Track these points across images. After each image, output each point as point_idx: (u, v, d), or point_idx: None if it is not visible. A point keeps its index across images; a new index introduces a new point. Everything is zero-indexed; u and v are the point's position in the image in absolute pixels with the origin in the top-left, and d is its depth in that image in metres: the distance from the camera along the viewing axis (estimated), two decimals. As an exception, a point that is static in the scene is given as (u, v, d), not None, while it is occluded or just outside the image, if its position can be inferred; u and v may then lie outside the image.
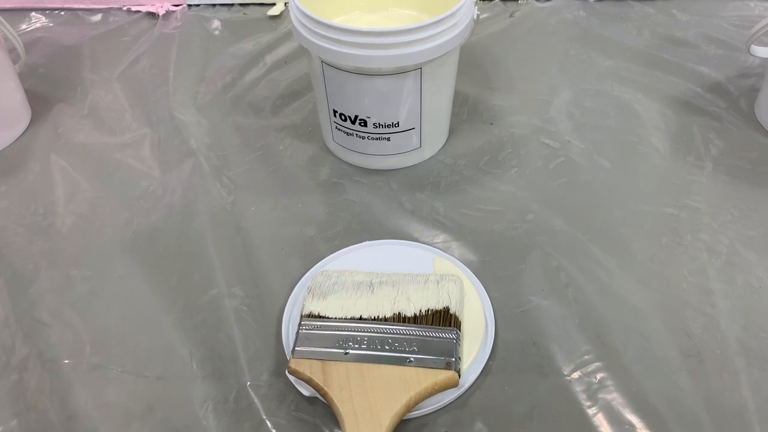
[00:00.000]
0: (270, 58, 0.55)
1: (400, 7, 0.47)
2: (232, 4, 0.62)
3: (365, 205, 0.43)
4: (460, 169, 0.45)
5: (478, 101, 0.50)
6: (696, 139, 0.46)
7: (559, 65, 0.53)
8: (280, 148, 0.47)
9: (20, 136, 0.48)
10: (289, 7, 0.40)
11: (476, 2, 0.41)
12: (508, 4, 0.61)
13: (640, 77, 0.51)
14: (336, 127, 0.44)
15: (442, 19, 0.38)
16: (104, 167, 0.45)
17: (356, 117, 0.42)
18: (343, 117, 0.42)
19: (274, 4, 0.61)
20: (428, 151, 0.45)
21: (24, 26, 0.59)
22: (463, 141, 0.47)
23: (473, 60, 0.54)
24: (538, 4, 0.60)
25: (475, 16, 0.41)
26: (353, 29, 0.37)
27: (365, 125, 0.42)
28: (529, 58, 0.54)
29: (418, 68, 0.39)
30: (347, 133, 0.43)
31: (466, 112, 0.49)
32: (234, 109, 0.50)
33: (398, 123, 0.42)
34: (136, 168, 0.45)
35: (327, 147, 0.47)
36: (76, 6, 0.62)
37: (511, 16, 0.58)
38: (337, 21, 0.46)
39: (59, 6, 0.62)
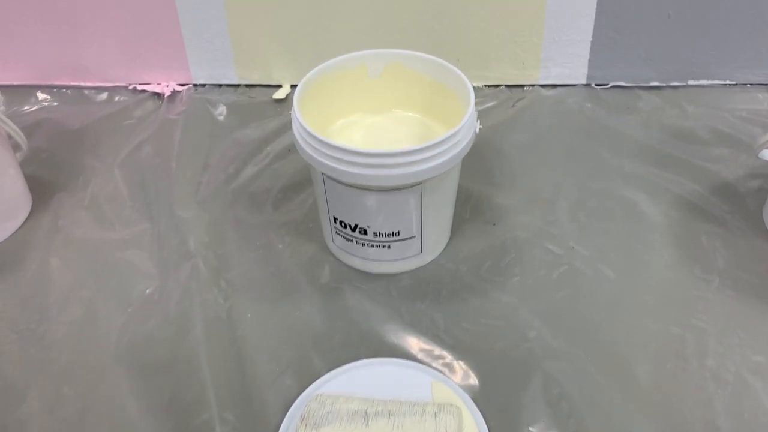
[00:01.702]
0: (274, 146, 0.54)
1: (404, 110, 0.47)
2: (238, 85, 0.62)
3: (364, 313, 0.42)
4: (462, 276, 0.44)
5: (481, 199, 0.49)
6: (703, 248, 0.45)
7: (564, 160, 0.53)
8: (280, 246, 0.46)
9: (21, 226, 0.48)
10: (292, 119, 0.40)
11: (478, 118, 0.41)
12: (514, 90, 0.60)
13: (647, 175, 0.51)
14: (336, 232, 0.43)
15: (445, 139, 0.37)
16: (102, 266, 0.45)
17: (356, 225, 0.41)
18: (343, 224, 0.42)
19: (279, 86, 0.61)
20: (429, 256, 0.45)
21: (28, 107, 0.59)
22: (466, 243, 0.46)
23: (476, 152, 0.53)
24: (544, 92, 0.60)
25: (477, 130, 0.41)
26: (355, 150, 0.37)
27: (365, 233, 0.42)
28: (534, 150, 0.54)
29: (420, 183, 0.39)
30: (347, 239, 0.43)
31: (468, 211, 0.48)
32: (235, 202, 0.50)
33: (399, 232, 0.42)
34: (134, 268, 0.45)
35: (327, 247, 0.46)
36: (82, 84, 0.62)
37: (513, 106, 0.58)
38: (339, 123, 0.46)
39: (65, 84, 0.62)
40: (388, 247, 0.42)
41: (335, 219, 0.42)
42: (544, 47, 0.59)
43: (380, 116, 0.47)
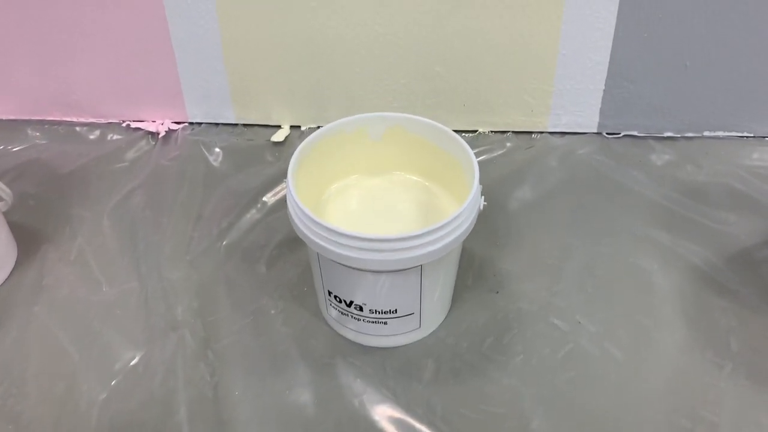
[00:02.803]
0: (270, 197, 0.52)
1: (404, 172, 0.45)
2: (235, 124, 0.60)
3: (357, 394, 0.40)
4: (462, 353, 0.42)
5: (484, 262, 0.47)
6: (716, 326, 0.43)
7: (573, 219, 0.50)
8: (273, 312, 0.44)
9: (6, 279, 0.46)
10: (286, 194, 0.38)
11: (482, 194, 0.39)
12: (521, 137, 0.58)
13: (658, 239, 0.49)
14: (330, 304, 0.41)
15: (446, 223, 0.35)
16: (87, 332, 0.43)
17: (351, 302, 0.39)
18: (338, 299, 0.40)
19: (278, 127, 0.59)
20: (428, 329, 0.43)
21: (18, 145, 0.57)
22: (467, 315, 0.44)
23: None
24: (553, 140, 0.58)
25: (481, 207, 0.39)
26: (351, 234, 0.35)
27: (361, 310, 0.40)
28: (541, 208, 0.51)
29: (419, 265, 0.37)
30: (342, 312, 0.41)
31: (471, 276, 0.46)
32: (228, 259, 0.48)
33: (396, 310, 0.40)
34: (120, 336, 0.43)
35: (321, 314, 0.44)
36: (75, 119, 0.60)
37: (520, 156, 0.56)
38: (337, 186, 0.44)
39: (58, 119, 0.60)
40: (385, 323, 0.40)
41: (330, 293, 0.40)
42: (555, 95, 0.56)
43: (380, 178, 0.45)
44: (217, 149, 0.57)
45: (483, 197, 0.39)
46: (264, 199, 0.52)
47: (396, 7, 0.53)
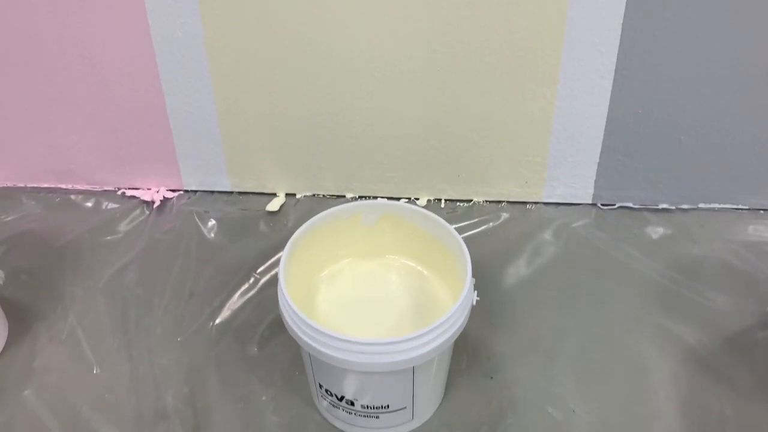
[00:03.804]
0: (264, 271, 0.52)
1: (398, 255, 0.45)
2: (231, 192, 0.60)
3: (348, 490, 0.39)
4: (455, 444, 0.41)
5: (479, 344, 0.47)
6: (711, 417, 0.42)
7: (567, 297, 0.50)
8: (264, 398, 0.44)
9: (-5, 359, 0.46)
10: (278, 292, 0.38)
11: (475, 288, 0.39)
12: (516, 207, 0.58)
13: (653, 319, 0.48)
14: (322, 396, 0.41)
15: (438, 324, 0.35)
16: (76, 419, 0.42)
17: (342, 397, 0.39)
18: (329, 392, 0.40)
19: (274, 195, 0.59)
20: (420, 420, 0.42)
21: (11, 214, 0.57)
22: (460, 402, 0.43)
23: (476, 284, 0.51)
24: (548, 211, 0.58)
25: (474, 302, 0.38)
26: (343, 338, 0.34)
27: (352, 404, 0.39)
28: (535, 285, 0.51)
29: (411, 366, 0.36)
30: (333, 405, 0.40)
31: (465, 360, 0.46)
32: (219, 340, 0.47)
33: (388, 405, 0.39)
34: (109, 424, 0.42)
35: (313, 402, 0.43)
36: (71, 187, 0.60)
37: (514, 228, 0.56)
38: (329, 270, 0.44)
39: (52, 186, 0.60)
40: (377, 417, 0.40)
41: (320, 385, 0.40)
42: (549, 167, 0.56)
43: (373, 262, 0.45)
44: (212, 220, 0.56)
45: (476, 291, 0.39)
46: (257, 274, 0.52)
47: (391, 83, 0.53)
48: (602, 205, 0.58)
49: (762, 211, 0.57)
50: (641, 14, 0.49)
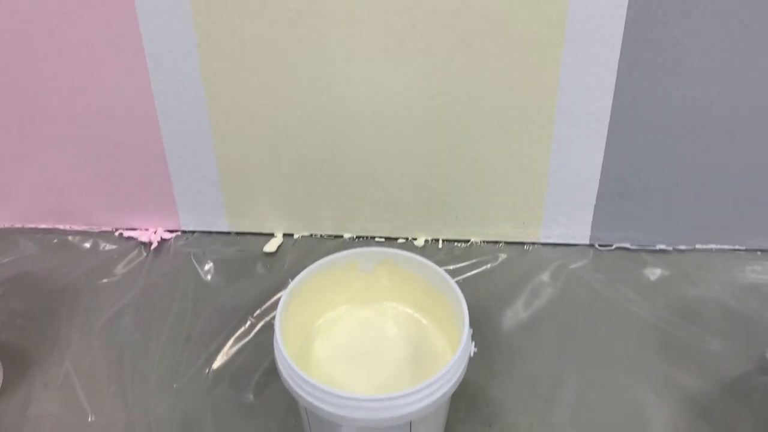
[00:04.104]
0: (260, 315, 0.52)
1: (395, 302, 0.45)
2: (228, 233, 0.60)
3: None
4: (453, 496, 0.41)
5: (477, 391, 0.46)
6: (711, 467, 0.42)
7: (565, 341, 0.50)
8: (260, 449, 0.43)
9: (-12, 407, 0.46)
10: (274, 344, 0.38)
11: (473, 340, 0.38)
12: (514, 248, 0.58)
13: (652, 364, 0.48)
14: (319, 446, 0.40)
15: (435, 380, 0.35)
16: (69, 471, 0.42)
17: (340, 449, 0.39)
18: (326, 444, 0.39)
19: (272, 236, 0.59)
20: (419, 469, 0.42)
21: (9, 256, 0.57)
22: (458, 451, 0.43)
23: (475, 327, 0.51)
24: (545, 252, 0.58)
25: (472, 354, 0.38)
26: (339, 394, 0.34)
27: (349, 457, 0.39)
28: (534, 327, 0.51)
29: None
30: (330, 456, 0.40)
31: (463, 408, 0.45)
32: (215, 387, 0.47)
33: (385, 457, 0.39)
34: (102, 476, 0.42)
35: (310, 451, 0.43)
36: (68, 228, 0.60)
37: (512, 269, 0.56)
38: (325, 318, 0.44)
39: (51, 227, 0.60)
40: (374, 469, 0.40)
41: (318, 437, 0.40)
42: (546, 208, 0.57)
43: (370, 309, 0.44)
44: (209, 262, 0.56)
45: (473, 342, 0.39)
46: (253, 317, 0.52)
47: (389, 125, 0.53)
48: (600, 245, 0.58)
49: (759, 252, 0.57)
50: (636, 60, 0.49)
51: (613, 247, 0.58)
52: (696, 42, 0.48)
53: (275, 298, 0.53)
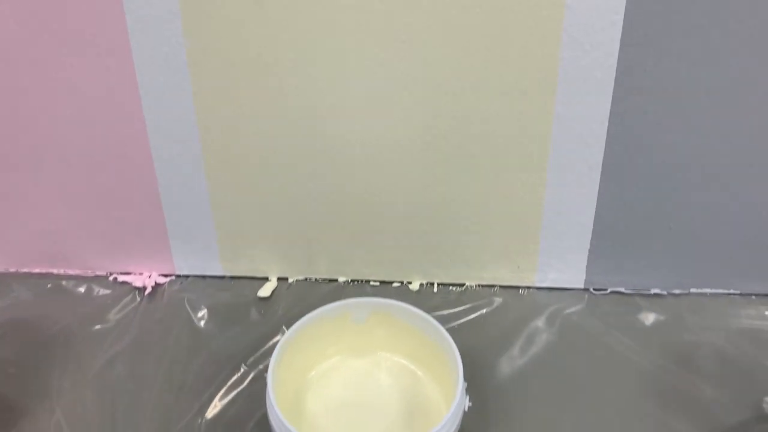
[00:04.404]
0: (254, 363, 0.51)
1: (389, 352, 0.45)
2: (223, 277, 0.60)
3: None
4: None
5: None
6: None
7: (561, 390, 0.50)
8: (252, 505, 0.43)
9: (-23, 461, 0.45)
10: (266, 400, 0.37)
11: (468, 392, 0.38)
12: (509, 292, 0.58)
13: (648, 413, 0.48)
14: (312, 501, 0.40)
15: (429, 437, 0.35)
16: None
17: (333, 505, 0.38)
18: (319, 500, 0.39)
19: (266, 280, 0.59)
20: None
21: (1, 303, 0.57)
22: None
23: (472, 374, 0.50)
24: (540, 296, 0.57)
25: (466, 408, 0.38)
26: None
27: None
28: (529, 375, 0.51)
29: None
30: None
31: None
32: (208, 439, 0.47)
33: None
34: None
35: (303, 505, 0.43)
36: (62, 272, 0.60)
37: (507, 315, 0.56)
38: (319, 369, 0.44)
39: (45, 271, 0.60)
40: None
41: (310, 493, 0.39)
42: (541, 253, 0.57)
43: (364, 359, 0.44)
44: (203, 308, 0.56)
45: (468, 396, 0.38)
46: (247, 365, 0.51)
47: (384, 169, 0.54)
48: (594, 290, 0.58)
49: (754, 296, 0.57)
50: (627, 109, 0.50)
51: (608, 291, 0.58)
52: (686, 91, 0.49)
53: (269, 344, 0.53)
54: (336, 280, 0.60)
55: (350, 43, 0.49)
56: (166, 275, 0.60)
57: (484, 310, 0.56)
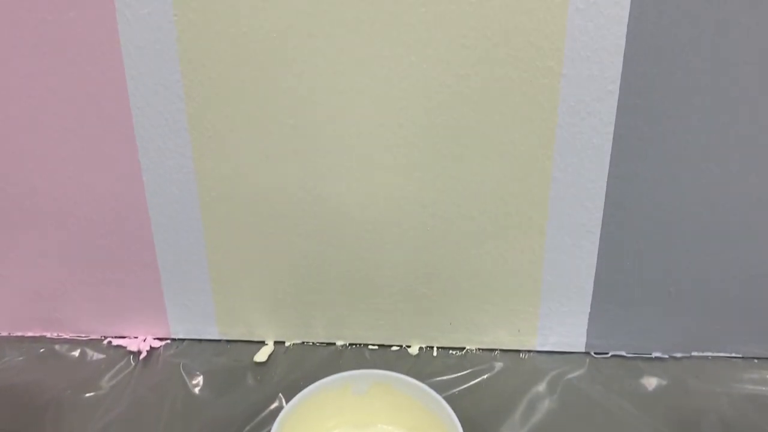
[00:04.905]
0: (251, 430, 0.50)
1: (390, 425, 0.44)
2: (219, 341, 0.59)
3: None
4: None
5: None
6: None
7: (564, 459, 0.49)
8: None
9: None
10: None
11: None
12: (509, 356, 0.57)
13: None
14: None
15: None
16: None
17: None
18: None
19: (263, 344, 0.58)
20: None
21: (-6, 369, 0.56)
22: None
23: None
24: (541, 360, 0.57)
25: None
26: None
27: None
28: (531, 444, 0.50)
29: None
30: None
31: None
32: None
33: None
34: None
35: None
36: (56, 336, 0.59)
37: (507, 381, 0.55)
38: (320, 443, 0.43)
39: (38, 335, 0.59)
40: None
41: None
42: (541, 316, 0.56)
43: (364, 431, 0.43)
44: (199, 374, 0.55)
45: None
46: (244, 433, 0.50)
47: (383, 231, 0.54)
48: (595, 353, 0.57)
49: (756, 360, 0.56)
50: (625, 173, 0.50)
51: (609, 354, 0.57)
52: (682, 155, 0.49)
53: (266, 412, 0.52)
54: (334, 344, 0.59)
55: (349, 106, 0.49)
56: (161, 339, 0.59)
57: (485, 376, 0.56)
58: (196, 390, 0.54)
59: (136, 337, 0.59)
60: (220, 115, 0.50)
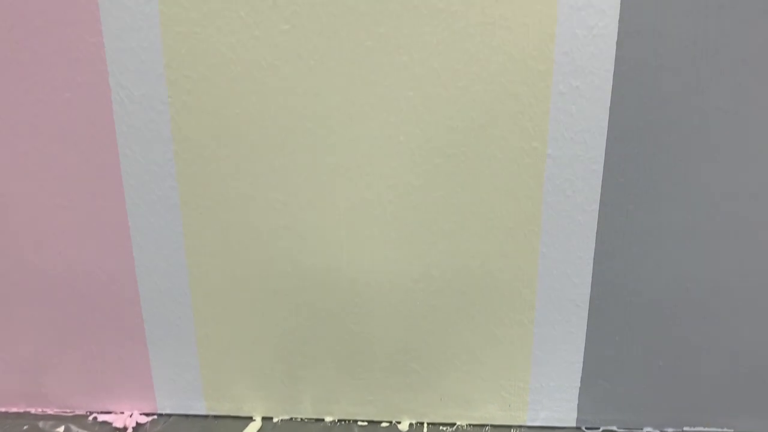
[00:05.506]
0: None
1: None
2: (206, 416, 0.58)
3: None
4: None
5: None
6: None
7: None
8: None
9: None
10: None
11: None
12: (501, 430, 0.57)
13: None
14: None
15: None
16: None
17: None
18: None
19: (251, 419, 0.58)
20: None
21: (-25, 448, 0.55)
22: None
23: None
24: (532, 436, 0.56)
25: None
26: None
27: None
28: None
29: None
30: None
31: None
32: None
33: None
34: None
35: None
36: (40, 412, 0.58)
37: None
38: None
39: (22, 411, 0.58)
40: None
41: None
42: (531, 391, 0.56)
43: None
44: (185, 453, 0.54)
45: None
46: None
47: (372, 306, 0.54)
48: (587, 428, 0.57)
49: (749, 435, 0.56)
50: (611, 250, 0.51)
51: (600, 430, 0.57)
52: (668, 231, 0.50)
53: (253, 493, 0.51)
54: (323, 420, 0.58)
55: (339, 183, 0.50)
56: (148, 414, 0.58)
57: (475, 453, 0.55)
58: (182, 470, 0.53)
59: (122, 413, 0.58)
60: (212, 192, 0.51)
